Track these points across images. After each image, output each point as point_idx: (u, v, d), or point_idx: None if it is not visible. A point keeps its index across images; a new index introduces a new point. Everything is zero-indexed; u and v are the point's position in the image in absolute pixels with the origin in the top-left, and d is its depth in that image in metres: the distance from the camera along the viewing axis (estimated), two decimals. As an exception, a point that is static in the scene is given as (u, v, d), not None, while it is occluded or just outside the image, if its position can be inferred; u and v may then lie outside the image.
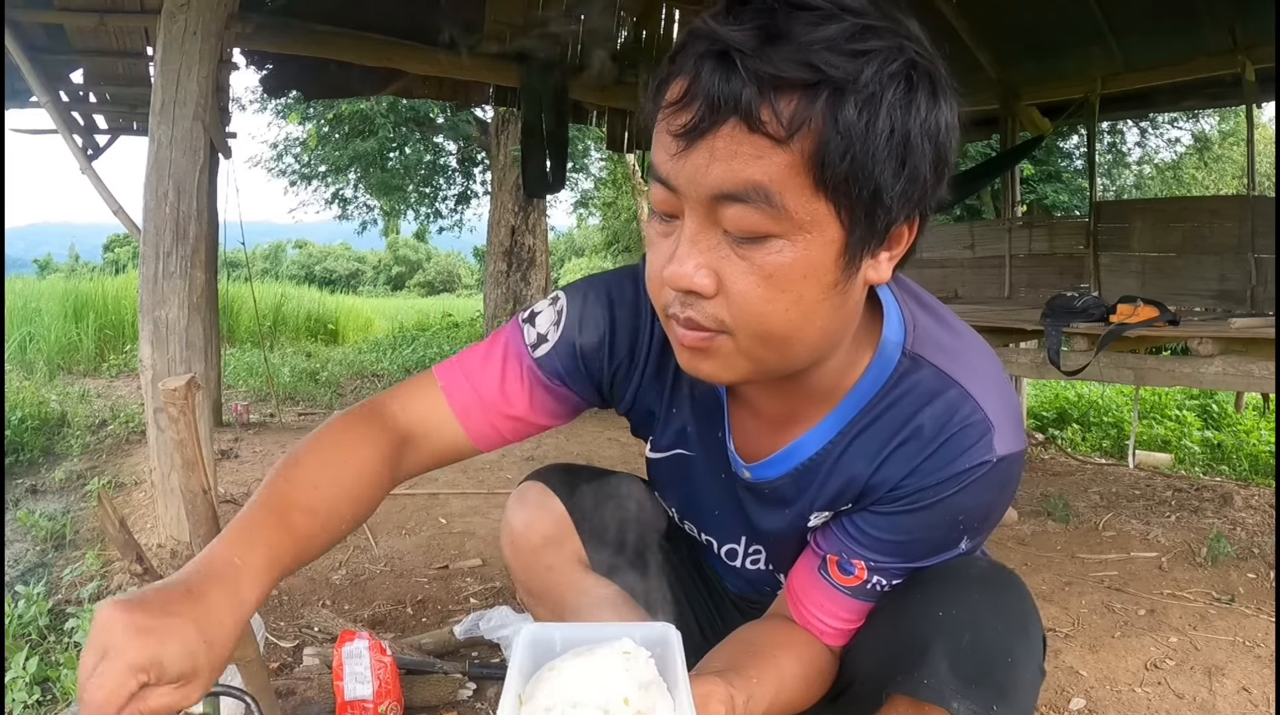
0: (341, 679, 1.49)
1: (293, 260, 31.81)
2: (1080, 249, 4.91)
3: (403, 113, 10.92)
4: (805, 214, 0.66)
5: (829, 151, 0.63)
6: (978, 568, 0.89)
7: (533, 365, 0.93)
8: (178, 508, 2.39)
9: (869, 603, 0.92)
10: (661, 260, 0.72)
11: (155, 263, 2.40)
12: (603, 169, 13.71)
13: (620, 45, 5.32)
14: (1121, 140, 13.81)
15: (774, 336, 0.71)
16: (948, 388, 0.82)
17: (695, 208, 0.68)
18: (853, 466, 0.87)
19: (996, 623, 0.83)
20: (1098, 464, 4.04)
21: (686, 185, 0.68)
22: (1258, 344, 2.81)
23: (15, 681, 1.67)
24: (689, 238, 0.69)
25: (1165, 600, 2.26)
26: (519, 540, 1.14)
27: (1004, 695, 0.82)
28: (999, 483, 0.83)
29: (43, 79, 3.46)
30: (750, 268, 0.68)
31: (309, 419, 4.96)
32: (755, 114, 0.63)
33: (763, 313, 0.70)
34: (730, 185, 0.65)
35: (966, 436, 0.80)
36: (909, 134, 0.65)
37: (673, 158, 0.68)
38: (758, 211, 0.66)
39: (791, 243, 0.67)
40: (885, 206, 0.67)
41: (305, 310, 10.63)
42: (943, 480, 0.82)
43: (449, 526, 2.87)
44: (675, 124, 0.66)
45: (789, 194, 0.65)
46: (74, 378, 6.29)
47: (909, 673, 0.83)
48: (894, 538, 0.87)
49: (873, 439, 0.85)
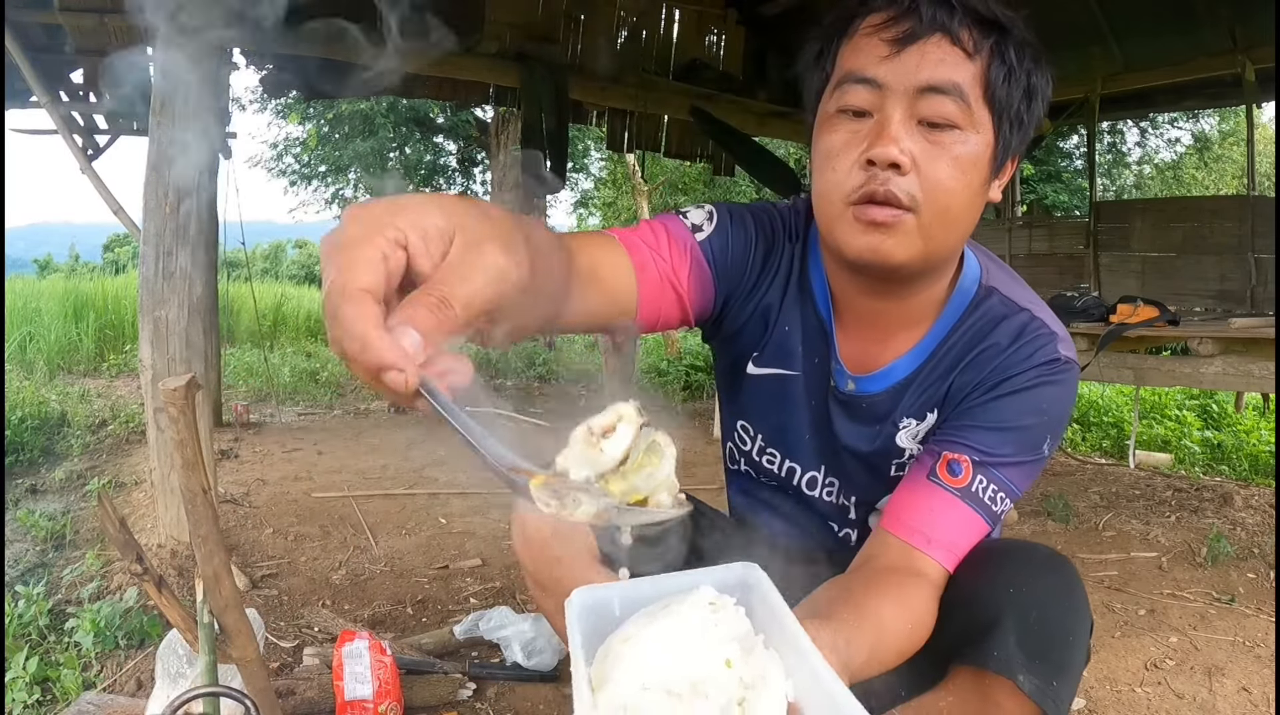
0: (341, 679, 1.49)
1: (293, 260, 31.76)
2: (1080, 249, 4.91)
3: (403, 113, 10.93)
4: (979, 117, 0.87)
5: (995, 73, 0.87)
6: (1041, 553, 0.95)
7: (694, 243, 1.01)
8: (178, 508, 2.39)
9: (977, 515, 0.94)
10: (854, 150, 0.88)
11: (155, 263, 2.40)
12: (603, 169, 13.73)
13: (620, 45, 5.31)
14: (1121, 140, 13.82)
15: (949, 213, 0.89)
16: (1017, 312, 1.00)
17: (900, 99, 0.86)
18: (942, 382, 1.01)
19: (1061, 604, 0.90)
20: (1098, 464, 4.04)
21: (896, 80, 0.86)
22: (1258, 344, 2.82)
23: (15, 681, 1.67)
24: (896, 122, 0.86)
25: (1165, 600, 2.26)
26: (529, 531, 1.15)
27: (1062, 672, 0.88)
28: (1068, 382, 0.98)
29: (43, 79, 3.45)
30: (940, 152, 0.87)
31: (309, 419, 4.96)
32: (956, 32, 0.86)
33: (947, 188, 0.87)
34: (937, 79, 0.85)
35: (1037, 342, 0.97)
36: (1034, 82, 0.90)
37: (884, 59, 0.86)
38: (953, 103, 0.86)
39: (967, 136, 0.87)
40: (1019, 128, 0.90)
41: (305, 310, 10.62)
42: (1024, 370, 0.96)
43: (449, 526, 2.87)
44: (889, 33, 0.86)
45: (971, 96, 0.86)
46: (74, 378, 6.29)
47: (978, 645, 0.88)
48: (989, 425, 0.96)
49: (959, 355, 1.00)
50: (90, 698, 1.56)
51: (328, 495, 3.18)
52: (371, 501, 3.12)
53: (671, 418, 5.27)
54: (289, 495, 3.18)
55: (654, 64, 5.33)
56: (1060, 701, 0.88)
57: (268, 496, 3.16)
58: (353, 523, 2.86)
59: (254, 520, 2.86)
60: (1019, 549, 0.96)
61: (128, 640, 1.87)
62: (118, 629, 1.87)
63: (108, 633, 1.85)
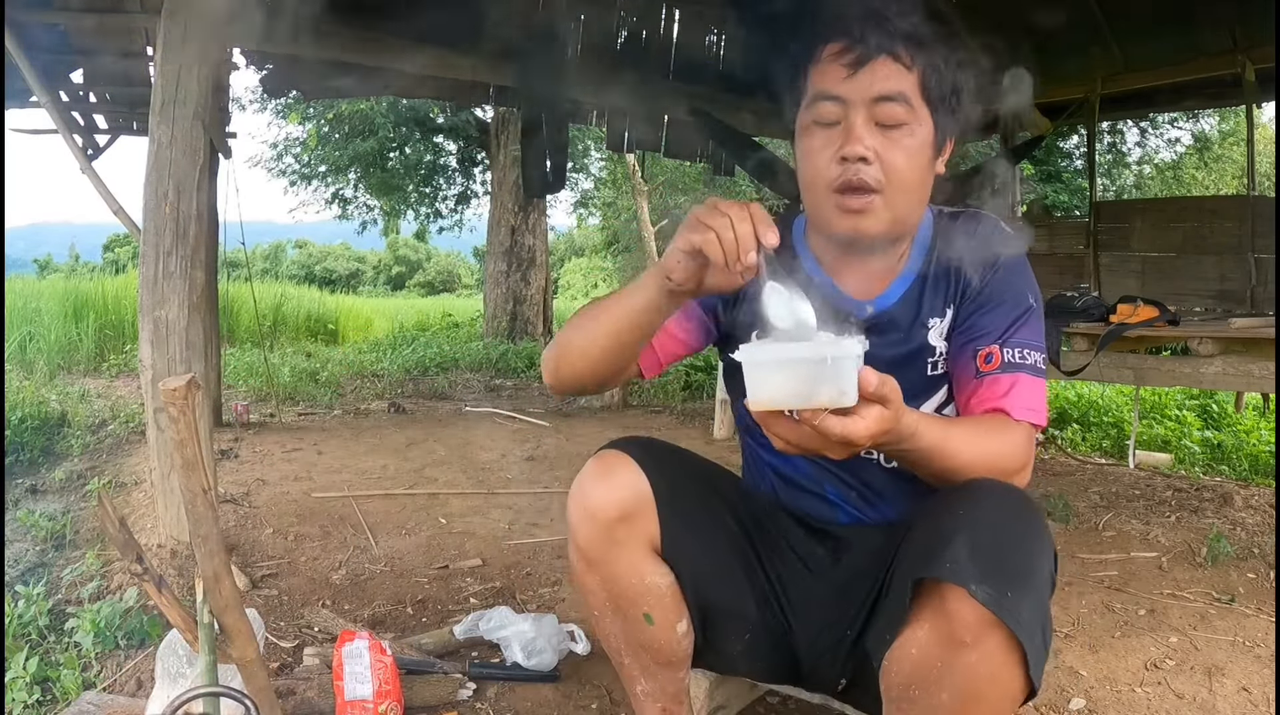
0: (341, 679, 1.50)
1: (293, 260, 31.79)
2: (1080, 249, 4.91)
3: (403, 113, 10.92)
4: (920, 114, 1.12)
5: (929, 78, 1.12)
6: (1000, 486, 1.04)
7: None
8: (178, 508, 2.39)
9: (1024, 374, 1.15)
10: (831, 149, 1.12)
11: (155, 263, 2.39)
12: (603, 169, 13.69)
13: (620, 45, 5.31)
14: (1121, 140, 13.80)
15: (908, 189, 1.13)
16: (963, 211, 1.27)
17: (860, 109, 1.11)
18: (947, 280, 1.22)
19: (1014, 523, 0.98)
20: (1098, 464, 4.04)
21: (855, 95, 1.10)
22: (1258, 344, 2.82)
23: (15, 681, 1.67)
24: (859, 125, 1.10)
25: (1165, 600, 2.26)
26: (593, 508, 1.14)
27: (1018, 585, 0.92)
28: (1006, 239, 1.22)
29: (43, 79, 3.45)
30: (894, 144, 1.11)
31: (309, 419, 4.96)
32: (897, 53, 1.10)
33: (902, 170, 1.12)
34: (886, 91, 1.10)
35: (986, 224, 1.24)
36: (960, 81, 1.15)
37: (844, 80, 1.11)
38: (900, 107, 1.10)
39: (914, 129, 1.12)
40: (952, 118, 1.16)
41: (305, 310, 10.64)
42: (989, 261, 1.20)
43: (449, 526, 2.87)
44: (846, 59, 1.11)
45: (914, 99, 1.11)
46: (74, 378, 6.29)
47: (933, 559, 0.94)
48: (985, 310, 1.19)
49: (943, 255, 1.23)
50: (90, 698, 1.56)
51: (328, 495, 3.18)
52: (371, 501, 3.12)
53: (670, 417, 5.26)
54: (289, 495, 3.18)
55: (654, 64, 5.32)
56: (1017, 614, 0.89)
57: (268, 496, 3.16)
58: (353, 523, 2.86)
59: (254, 520, 2.86)
60: (981, 482, 1.04)
61: (128, 640, 1.87)
62: (118, 629, 1.87)
63: (108, 633, 1.85)
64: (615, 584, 1.17)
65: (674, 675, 1.26)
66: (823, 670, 1.25)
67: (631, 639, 1.22)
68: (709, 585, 1.20)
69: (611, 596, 1.18)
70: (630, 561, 1.16)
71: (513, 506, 3.13)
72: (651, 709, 1.28)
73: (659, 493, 1.15)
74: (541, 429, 4.70)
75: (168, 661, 1.42)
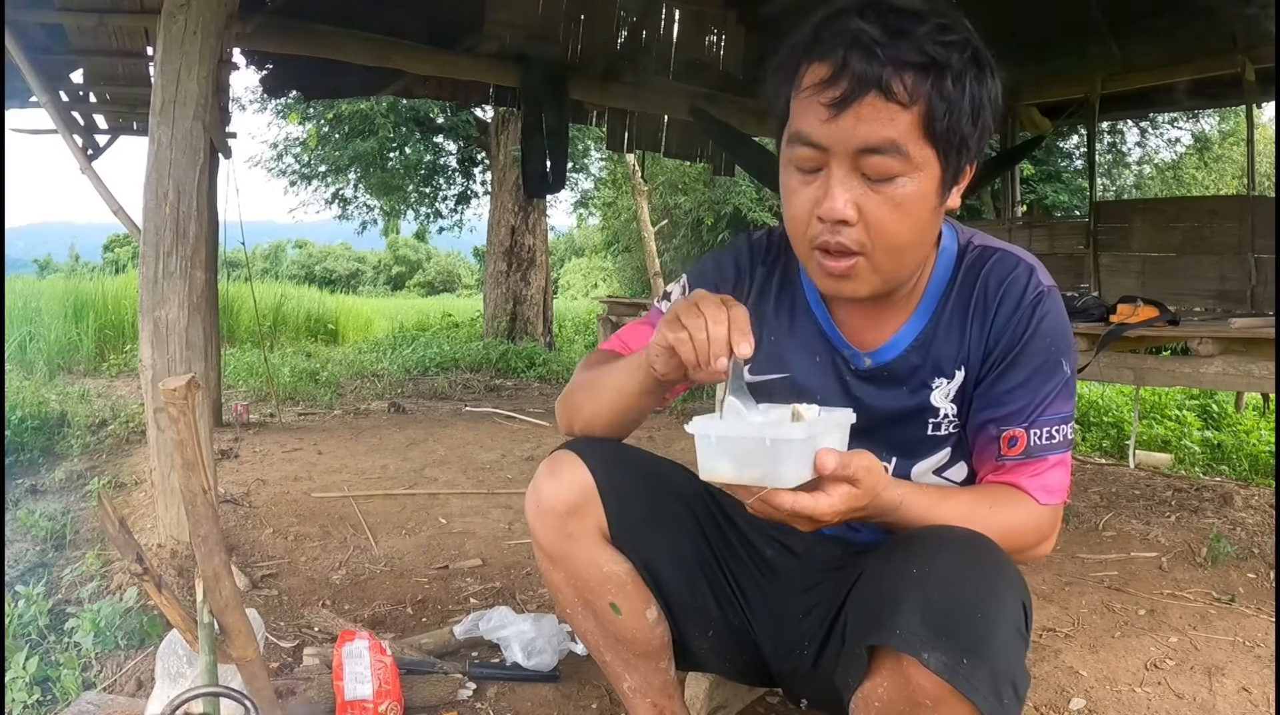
0: (341, 679, 1.50)
1: (293, 260, 31.81)
2: (1080, 249, 4.92)
3: (403, 113, 10.91)
4: (920, 158, 0.92)
5: (933, 111, 0.90)
6: (955, 534, 0.96)
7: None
8: (178, 508, 2.39)
9: (1047, 457, 1.05)
10: (809, 203, 0.96)
11: (155, 263, 2.39)
12: (603, 169, 13.70)
13: (620, 45, 5.31)
14: (1121, 140, 13.80)
15: (899, 249, 0.97)
16: (993, 254, 1.09)
17: (842, 159, 0.92)
18: (960, 336, 1.08)
19: (971, 577, 0.90)
20: (1098, 464, 4.04)
21: (836, 143, 0.92)
22: (1258, 344, 2.81)
23: (15, 681, 1.67)
24: (838, 181, 0.93)
25: (1165, 600, 2.26)
26: (545, 506, 1.16)
27: (975, 650, 0.85)
28: (1055, 305, 1.06)
29: (43, 79, 3.45)
30: (884, 200, 0.93)
31: (309, 419, 4.96)
32: (889, 86, 0.88)
33: (893, 232, 0.95)
34: (873, 141, 0.90)
35: (1018, 282, 1.05)
36: (982, 100, 0.94)
37: (824, 123, 0.92)
38: (892, 159, 0.91)
39: (911, 179, 0.93)
40: (968, 150, 0.95)
41: (305, 310, 10.63)
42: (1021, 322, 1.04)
43: (449, 526, 2.87)
44: (827, 96, 0.90)
45: (911, 144, 0.91)
46: (74, 378, 6.29)
47: (883, 623, 0.90)
48: (1013, 385, 1.05)
49: (959, 306, 1.08)
50: (90, 698, 1.56)
51: (328, 495, 3.18)
52: (371, 501, 3.12)
53: (669, 417, 5.26)
54: (289, 495, 3.18)
55: (654, 64, 5.33)
56: (974, 680, 0.85)
57: (268, 496, 3.16)
58: (353, 523, 2.86)
59: (254, 520, 2.86)
60: (935, 532, 0.97)
61: (128, 640, 1.87)
62: (118, 629, 1.87)
63: (108, 633, 1.85)
64: (577, 577, 1.19)
65: (655, 666, 1.26)
66: (787, 684, 1.26)
67: (606, 632, 1.22)
68: (664, 572, 1.20)
69: (577, 590, 1.20)
70: (586, 553, 1.17)
71: (513, 506, 3.13)
72: (642, 705, 1.28)
73: (602, 483, 1.16)
74: (541, 429, 4.70)
75: (168, 661, 1.42)
